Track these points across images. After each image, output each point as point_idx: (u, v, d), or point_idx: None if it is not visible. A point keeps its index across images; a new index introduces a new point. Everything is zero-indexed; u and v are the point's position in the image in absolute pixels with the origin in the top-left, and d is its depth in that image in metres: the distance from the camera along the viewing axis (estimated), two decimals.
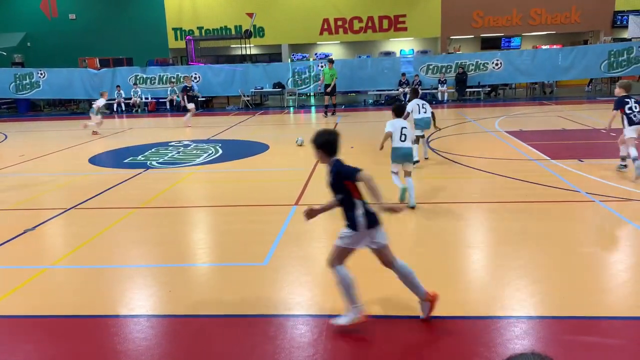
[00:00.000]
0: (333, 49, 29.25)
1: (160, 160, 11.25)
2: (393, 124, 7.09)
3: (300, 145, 12.57)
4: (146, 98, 23.30)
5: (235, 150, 12.37)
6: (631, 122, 8.46)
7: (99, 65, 24.73)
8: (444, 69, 22.12)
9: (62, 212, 7.56)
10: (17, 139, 12.72)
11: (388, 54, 27.66)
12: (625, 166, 8.74)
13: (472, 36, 27.82)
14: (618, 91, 9.00)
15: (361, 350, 3.84)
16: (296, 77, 23.05)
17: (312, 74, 22.88)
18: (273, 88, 23.14)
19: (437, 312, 4.31)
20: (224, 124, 16.92)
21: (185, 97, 16.93)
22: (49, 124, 19.71)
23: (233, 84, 23.05)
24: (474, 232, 6.48)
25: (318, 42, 28.78)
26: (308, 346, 3.85)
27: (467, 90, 22.36)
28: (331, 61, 19.94)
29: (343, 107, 20.61)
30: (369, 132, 15.07)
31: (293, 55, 28.04)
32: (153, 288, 5.06)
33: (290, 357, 3.72)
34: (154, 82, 23.51)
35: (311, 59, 26.29)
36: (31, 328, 4.34)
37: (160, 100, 23.46)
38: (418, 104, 9.48)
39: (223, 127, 16.37)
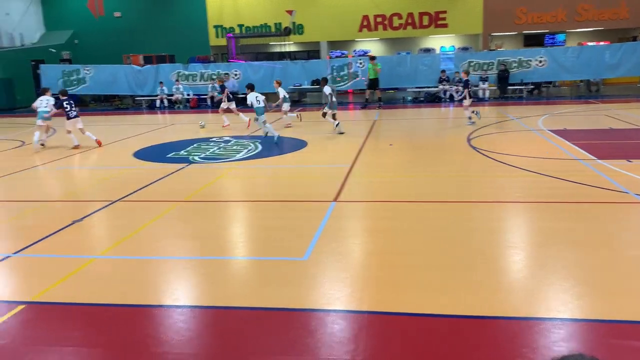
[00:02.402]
0: (372, 45, 29.09)
1: (202, 156, 11.45)
2: (250, 96, 13.05)
3: (203, 127, 15.98)
4: (188, 94, 23.73)
5: (274, 146, 12.47)
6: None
7: (142, 62, 25.31)
8: (485, 66, 21.70)
9: (108, 205, 7.79)
10: (65, 133, 13.26)
11: (428, 50, 27.32)
12: (473, 119, 14.12)
13: (515, 33, 27.19)
14: (463, 75, 14.24)
15: (402, 348, 3.83)
16: (334, 74, 23.05)
17: (351, 71, 22.82)
18: (311, 85, 23.20)
19: (479, 312, 4.27)
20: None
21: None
22: (94, 119, 20.28)
23: (272, 81, 23.19)
24: (517, 232, 6.36)
25: (357, 39, 28.66)
26: (349, 341, 3.87)
27: (509, 87, 21.90)
28: (372, 57, 20.52)
29: (381, 104, 20.50)
30: (407, 129, 14.98)
31: (331, 52, 28.01)
32: (194, 279, 5.17)
33: (331, 352, 3.75)
34: (195, 79, 23.92)
35: (349, 56, 26.21)
36: (79, 315, 4.50)
37: (202, 96, 23.85)
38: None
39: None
